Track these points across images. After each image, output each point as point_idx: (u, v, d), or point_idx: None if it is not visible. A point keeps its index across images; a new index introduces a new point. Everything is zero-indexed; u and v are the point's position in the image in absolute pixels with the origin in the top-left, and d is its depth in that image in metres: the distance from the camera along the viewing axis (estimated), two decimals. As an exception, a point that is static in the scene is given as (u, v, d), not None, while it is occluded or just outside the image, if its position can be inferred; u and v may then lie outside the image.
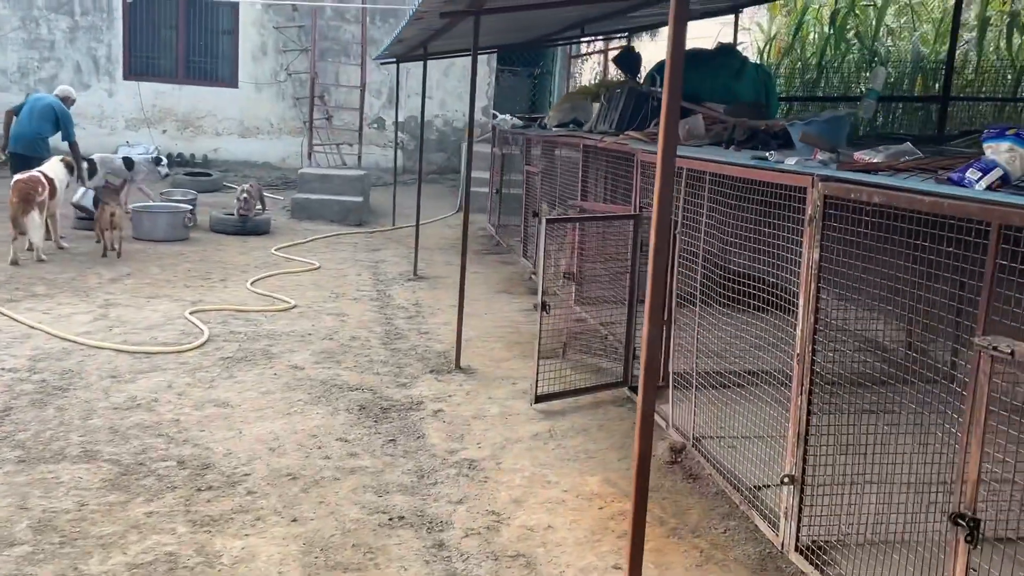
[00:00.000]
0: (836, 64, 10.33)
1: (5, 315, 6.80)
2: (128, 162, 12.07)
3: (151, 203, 11.50)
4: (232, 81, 15.96)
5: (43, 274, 8.34)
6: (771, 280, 4.14)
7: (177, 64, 15.91)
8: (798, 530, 3.74)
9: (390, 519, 4.00)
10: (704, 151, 5.22)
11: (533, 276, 6.65)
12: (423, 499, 4.23)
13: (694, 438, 4.87)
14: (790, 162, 3.94)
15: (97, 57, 15.58)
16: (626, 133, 6.57)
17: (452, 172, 16.74)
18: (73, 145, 10.22)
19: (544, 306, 5.47)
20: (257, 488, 4.22)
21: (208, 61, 16.07)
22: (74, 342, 6.25)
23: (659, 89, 7.59)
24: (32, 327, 6.53)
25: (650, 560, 3.67)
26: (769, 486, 4.09)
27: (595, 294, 6.90)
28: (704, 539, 3.99)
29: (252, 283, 8.53)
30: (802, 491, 3.73)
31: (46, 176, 8.89)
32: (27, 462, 4.32)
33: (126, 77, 15.67)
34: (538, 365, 5.48)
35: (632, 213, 5.86)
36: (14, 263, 8.57)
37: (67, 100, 10.72)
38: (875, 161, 3.60)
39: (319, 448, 4.73)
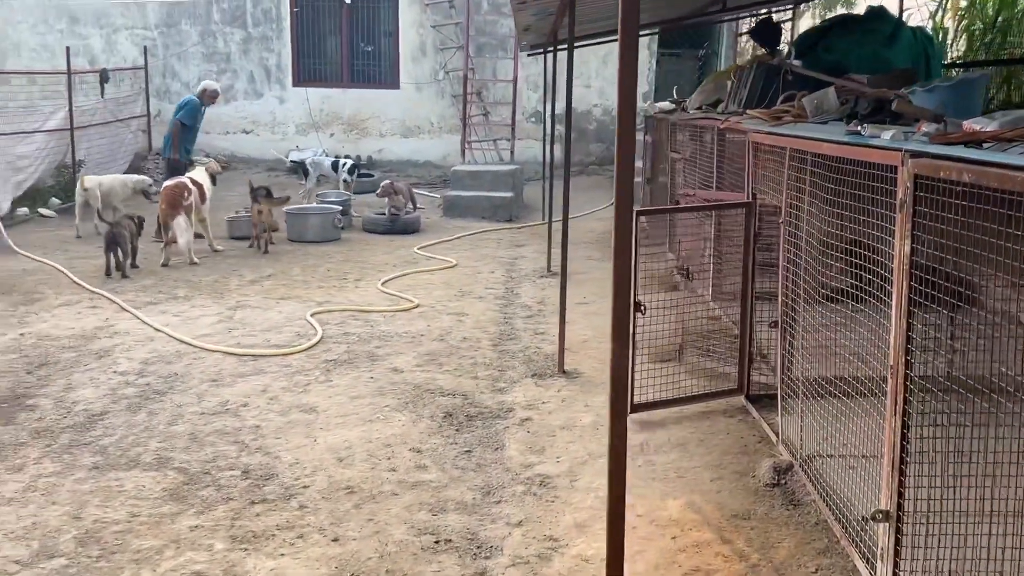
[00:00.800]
0: (1019, 24, 9.01)
1: (137, 318, 7.09)
2: (335, 165, 13.23)
3: (305, 205, 11.84)
4: (394, 82, 16.25)
5: (190, 276, 8.71)
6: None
7: (342, 69, 16.40)
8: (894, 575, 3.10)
9: (436, 542, 3.71)
10: (799, 128, 4.57)
11: (683, 271, 6.14)
12: (480, 519, 3.91)
13: (803, 456, 4.26)
14: (885, 136, 3.28)
15: (268, 66, 16.33)
16: (746, 112, 5.93)
17: (611, 163, 16.23)
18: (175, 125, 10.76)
19: (638, 306, 4.99)
20: (310, 503, 4.05)
21: (371, 64, 16.46)
22: (190, 345, 6.41)
23: (794, 62, 6.85)
24: (157, 330, 6.77)
25: (708, 606, 3.17)
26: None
27: (720, 290, 6.32)
28: (787, 581, 3.42)
29: (384, 283, 8.52)
30: (898, 530, 3.09)
31: (194, 181, 9.31)
32: (100, 469, 4.37)
33: (295, 84, 16.32)
34: (632, 371, 5.00)
35: (743, 201, 5.25)
36: (164, 265, 9.03)
37: (204, 94, 11.10)
38: (982, 130, 2.91)
39: (388, 459, 4.52)
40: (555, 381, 5.71)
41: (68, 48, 13.56)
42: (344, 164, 13.40)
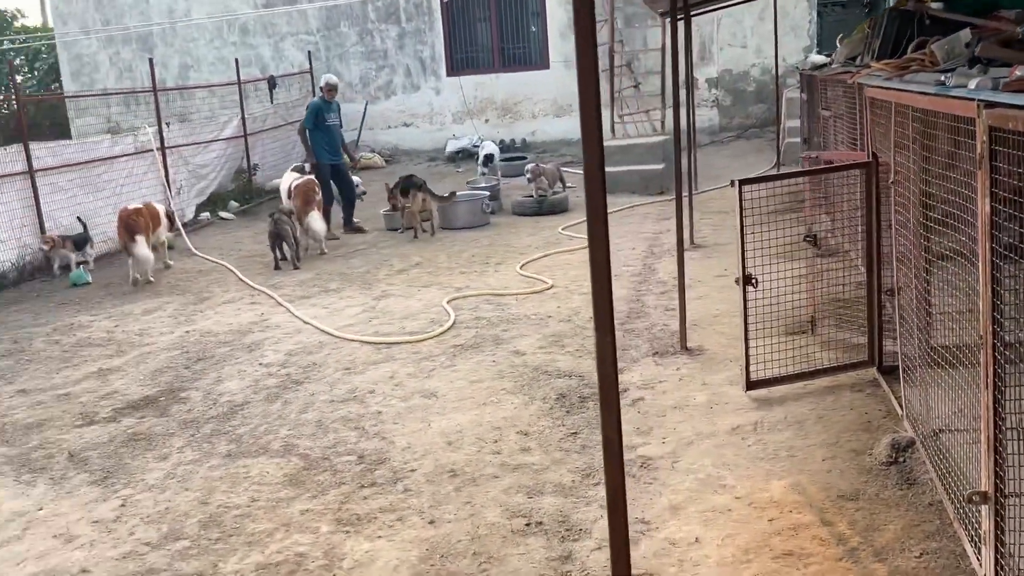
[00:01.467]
0: None
1: (289, 311, 7.56)
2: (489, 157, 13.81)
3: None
4: (543, 63, 16.30)
5: (344, 269, 9.16)
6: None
7: (492, 54, 16.62)
8: (997, 561, 2.85)
9: (527, 524, 3.76)
10: (908, 80, 4.20)
11: (809, 238, 5.82)
12: (575, 502, 3.92)
13: (926, 432, 3.97)
14: (971, 84, 2.98)
15: (423, 59, 16.80)
16: (869, 64, 5.53)
17: (772, 125, 15.56)
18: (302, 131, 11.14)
19: (749, 279, 4.80)
20: (414, 486, 4.20)
21: (520, 47, 16.58)
22: (331, 335, 6.76)
23: (933, 4, 6.29)
24: (305, 322, 7.19)
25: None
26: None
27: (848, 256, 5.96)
28: (886, 565, 3.22)
29: (522, 266, 8.62)
30: (998, 512, 2.83)
31: (319, 179, 10.08)
32: (232, 456, 4.73)
33: (449, 74, 16.71)
34: (747, 347, 4.83)
35: (862, 161, 4.92)
36: (322, 253, 9.74)
37: (324, 89, 11.43)
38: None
39: (495, 442, 4.60)
40: (676, 359, 5.60)
41: (237, 60, 14.53)
42: (482, 149, 13.66)
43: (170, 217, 10.24)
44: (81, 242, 9.95)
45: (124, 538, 3.93)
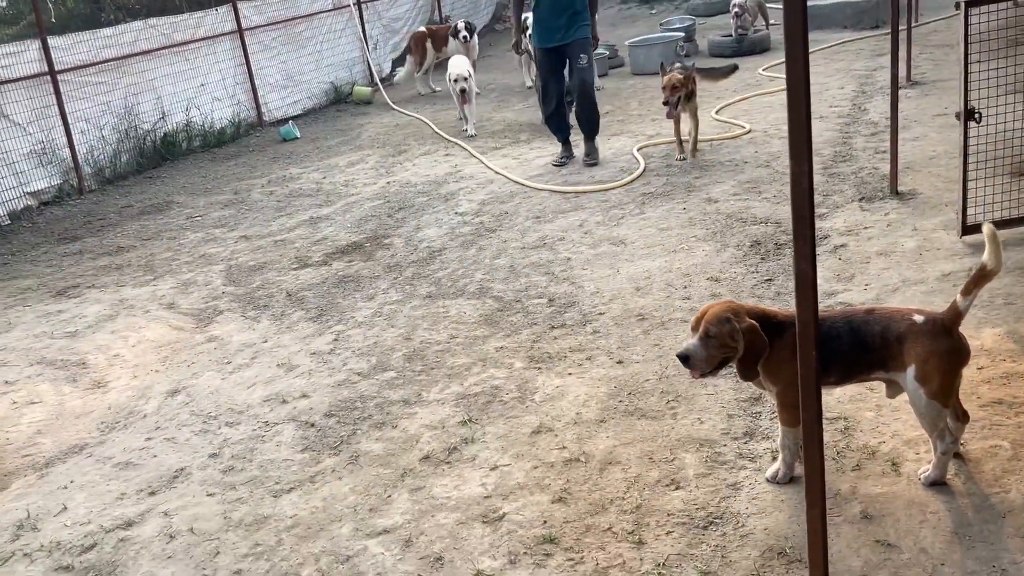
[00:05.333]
0: None
1: (481, 162, 7.68)
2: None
3: (647, 35, 11.66)
4: None
5: (536, 120, 9.10)
6: None
7: None
8: None
9: (716, 367, 3.74)
10: None
11: None
12: (767, 347, 3.85)
13: None
14: None
15: None
16: None
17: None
18: None
19: (971, 114, 4.36)
20: (603, 328, 4.27)
21: None
22: (522, 184, 6.84)
23: None
24: (497, 172, 7.29)
25: None
26: None
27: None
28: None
29: (718, 111, 8.26)
30: None
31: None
32: (432, 297, 4.97)
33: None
34: (965, 188, 4.46)
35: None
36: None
37: None
38: None
39: (685, 288, 4.57)
40: (884, 204, 5.26)
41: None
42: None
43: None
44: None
45: (338, 368, 4.27)
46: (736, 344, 2.76)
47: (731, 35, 11.16)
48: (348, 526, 3.07)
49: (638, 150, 7.26)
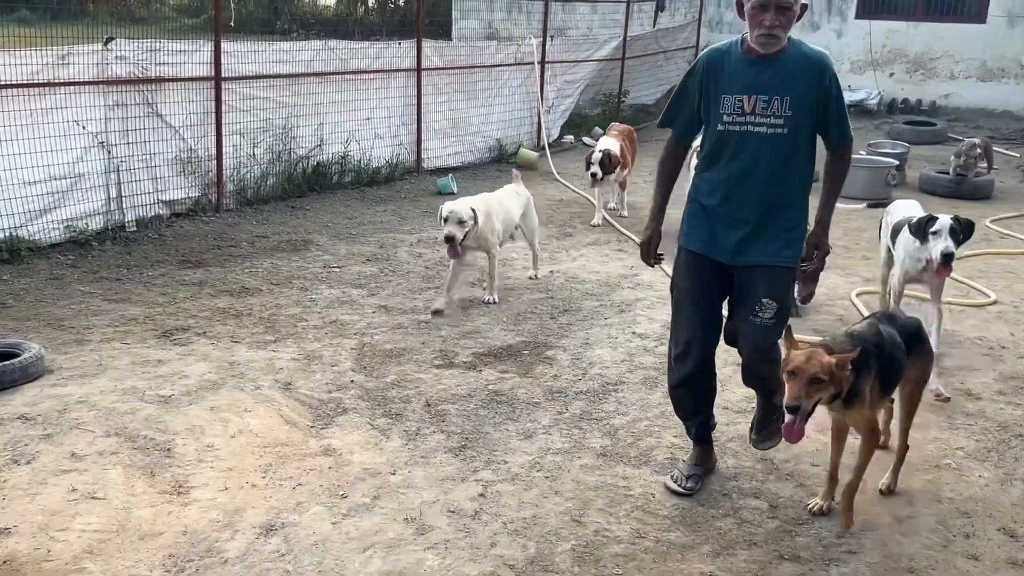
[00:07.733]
0: None
1: (662, 270, 6.59)
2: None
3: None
4: (980, 15, 13.69)
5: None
6: None
7: (916, -2, 14.27)
8: None
9: None
10: None
11: None
12: None
13: None
14: None
15: (831, -5, 14.83)
16: None
17: None
18: None
19: None
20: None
21: (952, -8, 14.08)
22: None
23: None
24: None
25: None
26: None
27: None
28: None
29: (947, 263, 6.95)
30: None
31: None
32: (607, 457, 3.85)
33: (859, 16, 14.60)
34: None
35: None
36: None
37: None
38: None
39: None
40: None
41: (628, -24, 13.56)
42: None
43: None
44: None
45: (483, 548, 3.19)
46: None
47: (948, 172, 9.85)
48: None
49: (856, 295, 6.04)
